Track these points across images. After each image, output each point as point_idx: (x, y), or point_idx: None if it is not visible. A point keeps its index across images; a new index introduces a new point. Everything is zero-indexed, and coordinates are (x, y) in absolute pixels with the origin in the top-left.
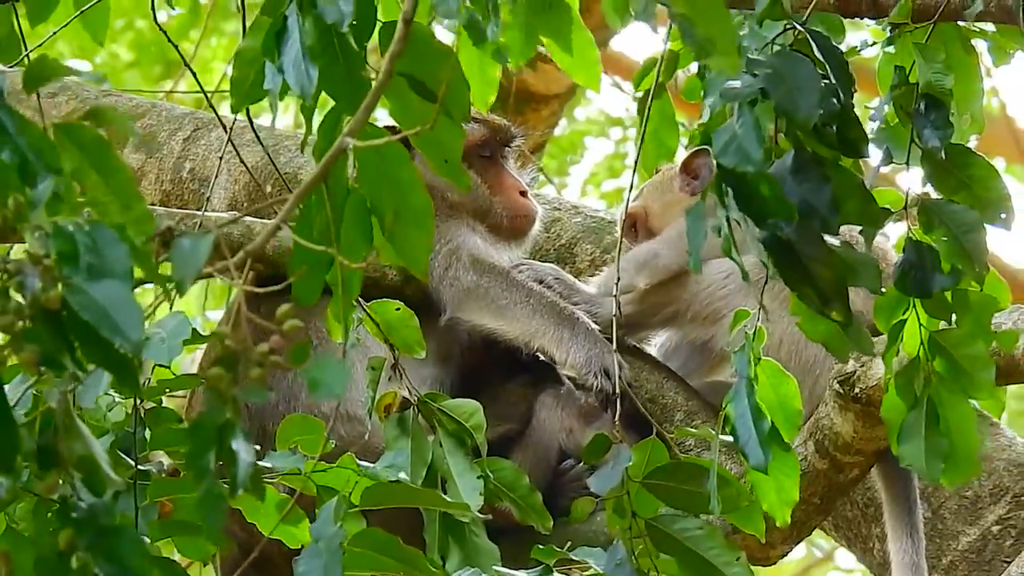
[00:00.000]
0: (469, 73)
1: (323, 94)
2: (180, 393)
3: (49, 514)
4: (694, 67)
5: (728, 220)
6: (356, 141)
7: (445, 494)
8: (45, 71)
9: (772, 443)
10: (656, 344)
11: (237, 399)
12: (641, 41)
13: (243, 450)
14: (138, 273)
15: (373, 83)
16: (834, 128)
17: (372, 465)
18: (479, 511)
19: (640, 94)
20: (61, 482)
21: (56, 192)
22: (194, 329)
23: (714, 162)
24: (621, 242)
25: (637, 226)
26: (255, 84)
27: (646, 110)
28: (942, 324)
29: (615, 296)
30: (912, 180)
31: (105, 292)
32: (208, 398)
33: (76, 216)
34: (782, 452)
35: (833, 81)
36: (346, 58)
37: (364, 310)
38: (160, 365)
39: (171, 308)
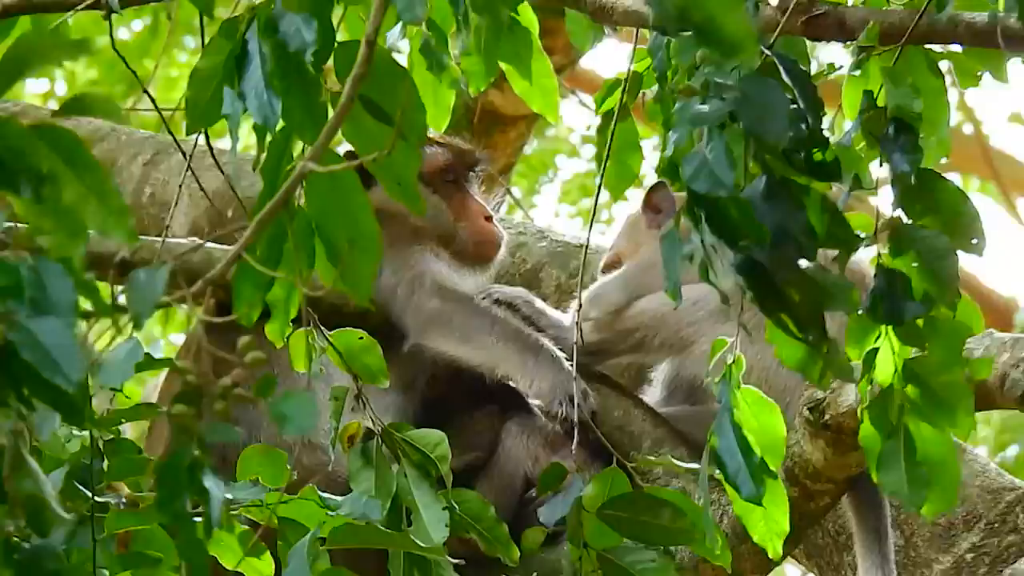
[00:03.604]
0: (423, 97)
1: None
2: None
3: None
4: (654, 90)
5: (704, 245)
6: (317, 166)
7: (410, 525)
8: None
9: (762, 474)
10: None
11: (203, 435)
12: (611, 58)
13: (215, 487)
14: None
15: (328, 104)
16: (802, 153)
17: (336, 498)
18: (445, 542)
19: (599, 120)
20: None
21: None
22: (147, 354)
23: (673, 193)
24: (583, 274)
25: None
26: (211, 105)
27: (610, 133)
28: (914, 351)
29: (577, 323)
30: (881, 205)
31: (47, 330)
32: (174, 436)
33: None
34: (770, 481)
35: (801, 105)
36: (303, 84)
37: (326, 339)
38: (113, 388)
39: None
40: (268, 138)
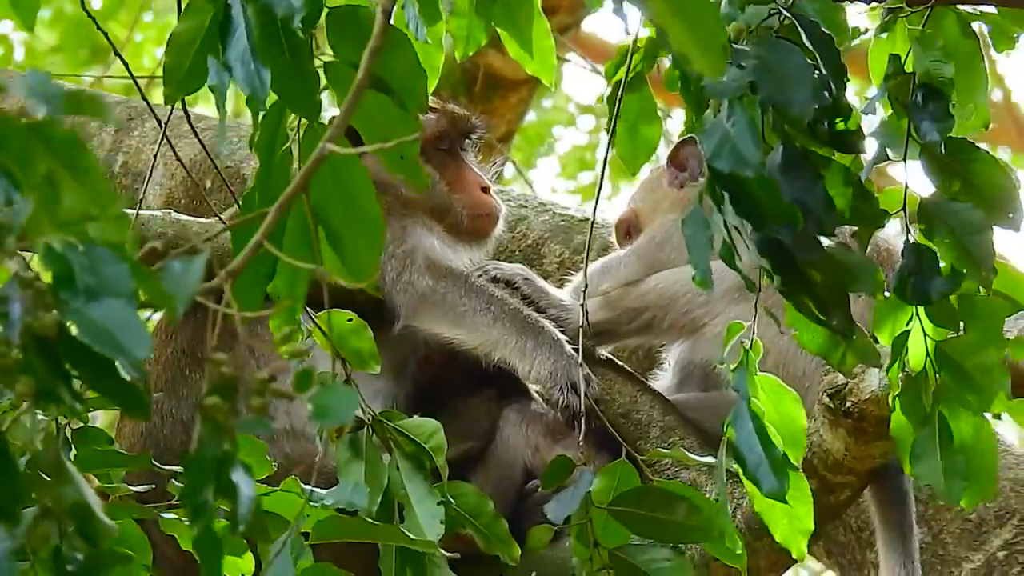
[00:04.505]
0: None
1: None
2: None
3: None
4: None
5: (727, 226)
6: (337, 148)
7: (402, 521)
8: None
9: (785, 467)
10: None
11: (234, 430)
12: (614, 22)
13: (244, 483)
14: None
15: (321, 72)
16: (826, 123)
17: (322, 491)
18: (440, 538)
19: (608, 89)
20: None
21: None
22: None
23: (701, 151)
24: (589, 246)
25: (631, 231)
26: (191, 72)
27: (616, 102)
28: (949, 333)
29: (583, 304)
30: (909, 178)
31: (107, 312)
32: (204, 429)
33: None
34: (793, 476)
35: (824, 72)
36: (293, 52)
37: (313, 320)
38: None
39: None
40: (261, 112)
